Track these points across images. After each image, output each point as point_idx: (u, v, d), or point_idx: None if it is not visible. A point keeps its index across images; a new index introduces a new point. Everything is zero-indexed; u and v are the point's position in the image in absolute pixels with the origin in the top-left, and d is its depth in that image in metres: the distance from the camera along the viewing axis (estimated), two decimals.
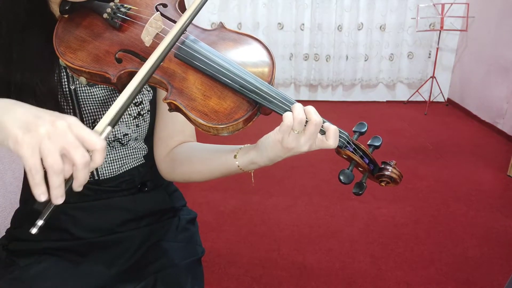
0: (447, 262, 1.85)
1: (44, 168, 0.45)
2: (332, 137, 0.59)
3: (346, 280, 1.75)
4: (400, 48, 4.24)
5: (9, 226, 0.86)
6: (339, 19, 4.15)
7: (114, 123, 0.50)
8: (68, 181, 0.47)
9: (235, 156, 0.67)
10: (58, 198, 0.45)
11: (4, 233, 0.86)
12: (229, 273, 1.78)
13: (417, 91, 4.31)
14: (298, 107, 0.58)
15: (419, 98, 4.33)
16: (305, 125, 0.58)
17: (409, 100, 4.43)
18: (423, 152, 3.11)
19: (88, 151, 0.46)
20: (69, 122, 0.46)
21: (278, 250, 1.95)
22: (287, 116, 0.57)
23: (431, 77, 4.11)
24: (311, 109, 0.58)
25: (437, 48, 4.05)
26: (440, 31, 3.94)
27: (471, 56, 4.00)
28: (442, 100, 4.36)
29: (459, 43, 4.23)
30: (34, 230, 0.46)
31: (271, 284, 1.73)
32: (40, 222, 0.46)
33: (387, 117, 4.03)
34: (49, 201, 0.46)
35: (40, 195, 0.45)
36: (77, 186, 0.47)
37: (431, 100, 4.17)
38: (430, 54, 4.25)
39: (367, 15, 4.12)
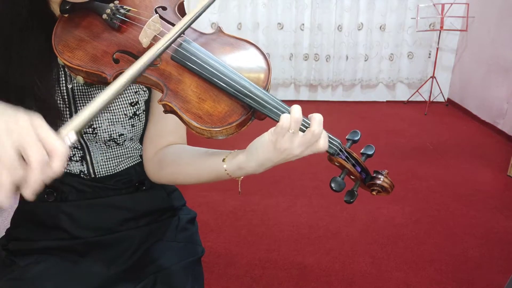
0: (447, 262, 1.85)
1: None
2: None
3: (346, 281, 1.74)
4: (400, 48, 4.24)
5: (9, 226, 0.86)
6: (339, 19, 4.15)
7: (83, 125, 0.47)
8: (19, 188, 0.43)
9: (223, 160, 0.66)
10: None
11: (4, 233, 0.86)
12: (228, 274, 1.78)
13: (417, 91, 4.31)
14: (296, 108, 0.57)
15: (419, 98, 4.33)
16: (304, 129, 0.58)
17: (409, 100, 4.43)
18: (423, 152, 3.11)
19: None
20: (32, 120, 0.44)
21: (277, 251, 1.94)
22: (284, 117, 0.57)
23: (431, 77, 4.11)
24: (317, 117, 0.58)
25: (437, 48, 4.05)
26: (440, 31, 3.94)
27: (471, 56, 4.00)
28: (442, 100, 4.36)
29: (459, 43, 4.23)
30: None
31: (270, 284, 1.73)
32: None
33: (387, 117, 4.03)
34: None
35: None
36: (28, 192, 0.43)
37: (431, 100, 4.17)
38: (430, 54, 4.25)
39: (367, 15, 4.12)
